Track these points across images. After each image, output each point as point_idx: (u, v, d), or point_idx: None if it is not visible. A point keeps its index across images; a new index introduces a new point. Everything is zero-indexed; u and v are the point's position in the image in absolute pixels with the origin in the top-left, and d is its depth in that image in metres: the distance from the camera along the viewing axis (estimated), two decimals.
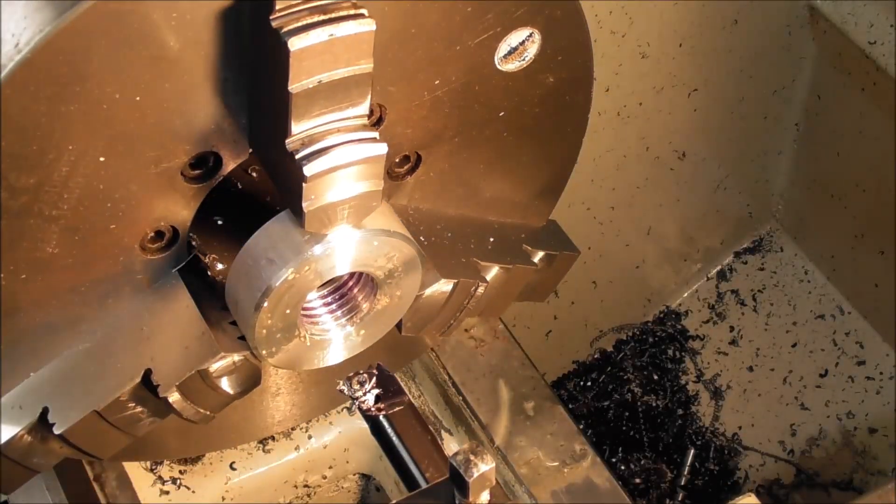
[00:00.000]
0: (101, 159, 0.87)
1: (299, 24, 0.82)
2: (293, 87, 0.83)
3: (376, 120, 1.00)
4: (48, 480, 1.27)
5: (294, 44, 0.81)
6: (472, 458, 0.89)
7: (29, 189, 0.86)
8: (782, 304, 2.19)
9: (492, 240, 1.19)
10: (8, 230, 0.88)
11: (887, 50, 1.73)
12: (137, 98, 0.85)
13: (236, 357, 1.04)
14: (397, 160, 1.07)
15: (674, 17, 1.77)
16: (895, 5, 1.72)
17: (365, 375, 1.06)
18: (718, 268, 2.25)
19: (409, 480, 1.06)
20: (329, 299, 1.05)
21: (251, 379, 1.08)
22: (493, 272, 1.18)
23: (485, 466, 0.89)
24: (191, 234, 1.02)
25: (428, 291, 1.11)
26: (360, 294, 1.05)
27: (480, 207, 1.19)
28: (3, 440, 0.99)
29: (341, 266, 0.96)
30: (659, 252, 2.16)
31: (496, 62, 1.03)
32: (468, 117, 1.07)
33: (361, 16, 0.84)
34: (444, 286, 1.12)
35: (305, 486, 1.48)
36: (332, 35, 0.82)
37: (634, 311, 2.21)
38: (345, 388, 1.05)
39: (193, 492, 1.39)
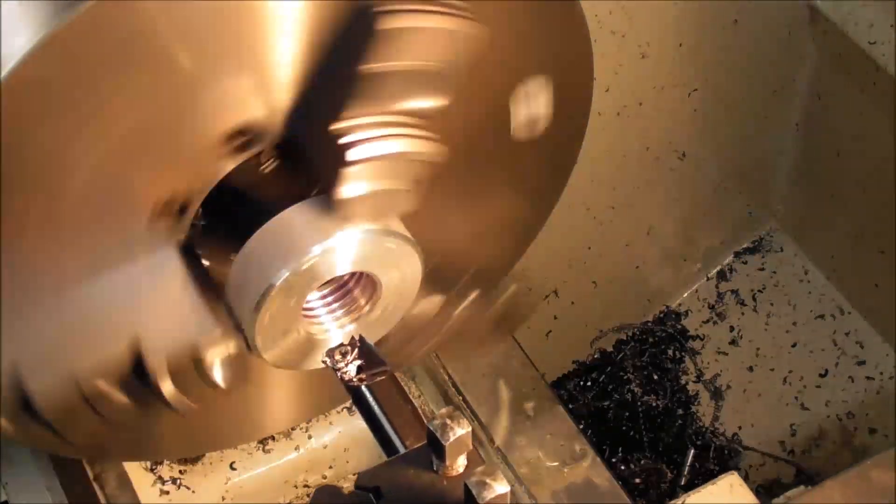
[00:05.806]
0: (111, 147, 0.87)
1: (392, 7, 0.81)
2: (366, 67, 0.81)
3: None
4: (48, 480, 1.27)
5: (383, 23, 0.80)
6: (448, 422, 0.90)
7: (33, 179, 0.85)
8: (782, 304, 2.18)
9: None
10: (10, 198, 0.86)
11: (887, 50, 1.73)
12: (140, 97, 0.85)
13: (231, 348, 1.03)
14: None
15: (674, 17, 1.77)
16: (895, 5, 1.72)
17: (347, 347, 1.05)
18: (718, 268, 2.24)
19: (389, 449, 1.07)
20: (329, 299, 1.05)
21: (241, 373, 1.07)
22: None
23: (461, 430, 0.90)
24: (195, 223, 1.00)
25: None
26: (361, 294, 1.05)
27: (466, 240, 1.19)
28: None
29: (342, 266, 0.96)
30: (659, 252, 2.16)
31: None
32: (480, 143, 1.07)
33: (454, 15, 0.83)
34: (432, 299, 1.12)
35: (305, 486, 1.48)
36: (421, 25, 0.81)
37: (634, 311, 2.21)
38: (327, 360, 1.05)
39: (193, 492, 1.39)
